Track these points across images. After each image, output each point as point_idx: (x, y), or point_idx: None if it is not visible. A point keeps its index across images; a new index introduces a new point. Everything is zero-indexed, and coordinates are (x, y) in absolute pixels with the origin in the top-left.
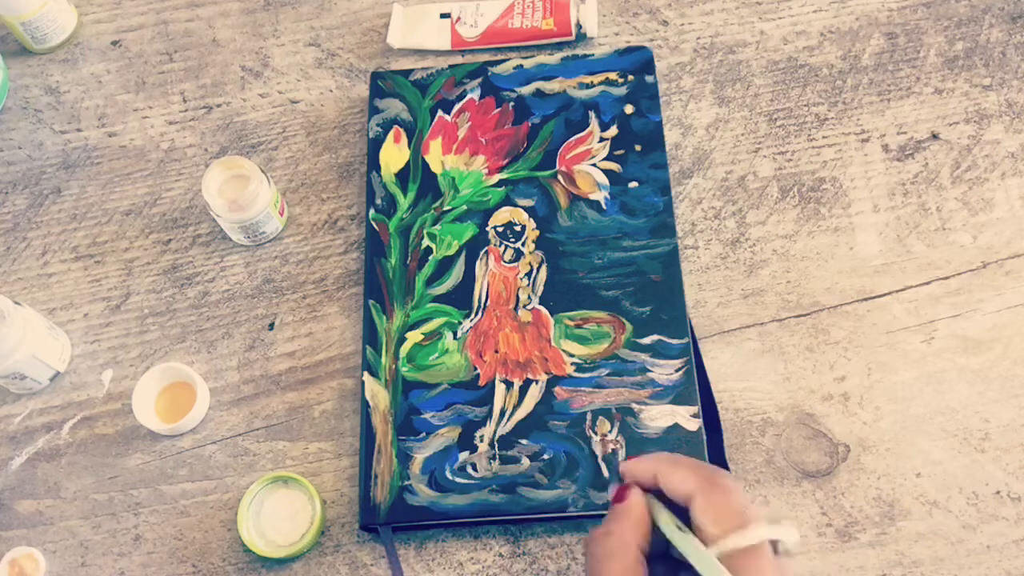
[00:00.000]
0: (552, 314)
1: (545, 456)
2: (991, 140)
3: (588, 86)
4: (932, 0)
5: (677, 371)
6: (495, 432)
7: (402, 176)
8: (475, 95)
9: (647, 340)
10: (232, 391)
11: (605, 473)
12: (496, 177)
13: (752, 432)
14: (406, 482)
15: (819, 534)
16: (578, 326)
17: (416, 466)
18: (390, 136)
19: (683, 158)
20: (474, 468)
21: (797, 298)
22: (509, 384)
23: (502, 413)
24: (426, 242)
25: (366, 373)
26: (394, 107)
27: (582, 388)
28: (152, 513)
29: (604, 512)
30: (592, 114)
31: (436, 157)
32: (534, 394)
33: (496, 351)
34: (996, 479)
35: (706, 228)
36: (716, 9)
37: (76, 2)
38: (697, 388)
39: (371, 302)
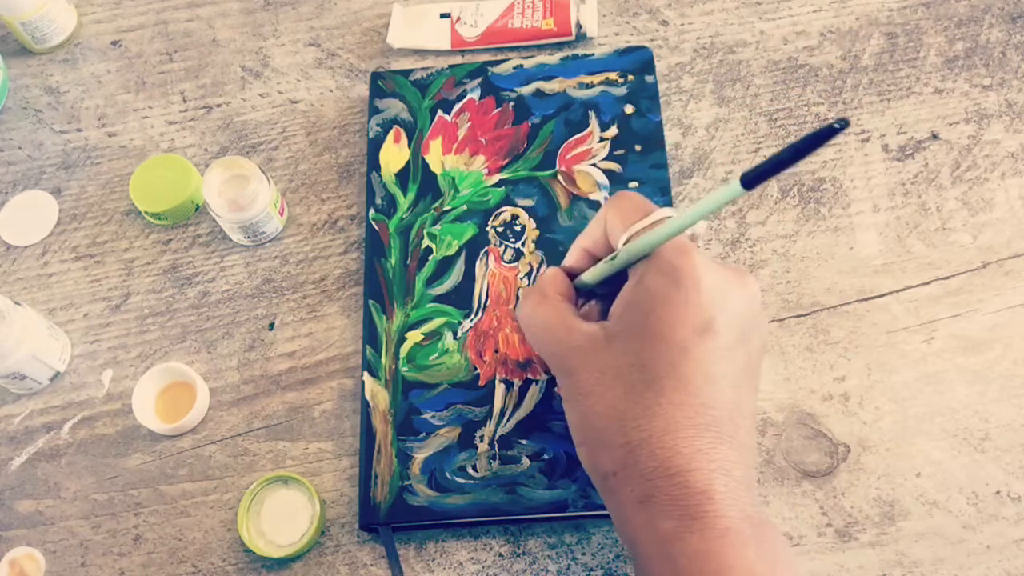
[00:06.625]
0: None
1: (545, 456)
2: (991, 140)
3: (588, 86)
4: (932, 0)
5: None
6: (495, 432)
7: (402, 176)
8: (475, 95)
9: None
10: (232, 391)
11: None
12: (496, 177)
13: None
14: (406, 482)
15: (819, 534)
16: None
17: (416, 466)
18: (390, 136)
19: (683, 158)
20: (474, 468)
21: (797, 298)
22: (509, 384)
23: (502, 413)
24: (426, 242)
25: (366, 373)
26: (394, 107)
27: None
28: (152, 513)
29: (605, 512)
30: (592, 114)
31: (436, 157)
32: (534, 394)
33: (496, 351)
34: (996, 479)
35: (706, 228)
36: (716, 9)
37: (76, 2)
38: None
39: (371, 302)
